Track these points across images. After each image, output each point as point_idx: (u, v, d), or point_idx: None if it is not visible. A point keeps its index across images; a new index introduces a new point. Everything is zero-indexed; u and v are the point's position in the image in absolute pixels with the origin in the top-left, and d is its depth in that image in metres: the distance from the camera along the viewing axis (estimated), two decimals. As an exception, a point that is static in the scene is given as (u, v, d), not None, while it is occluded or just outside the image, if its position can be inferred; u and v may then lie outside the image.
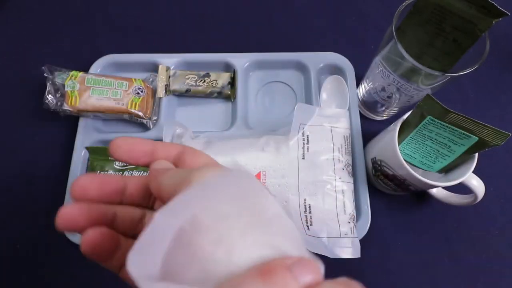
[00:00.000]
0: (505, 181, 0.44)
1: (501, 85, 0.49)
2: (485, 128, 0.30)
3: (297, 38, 0.51)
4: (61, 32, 0.51)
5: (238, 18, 0.53)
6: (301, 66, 0.48)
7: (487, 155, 0.43)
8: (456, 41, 0.34)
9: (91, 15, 0.52)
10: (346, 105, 0.44)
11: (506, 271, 0.40)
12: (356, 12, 0.53)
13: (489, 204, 0.42)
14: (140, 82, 0.44)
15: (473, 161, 0.34)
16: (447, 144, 0.33)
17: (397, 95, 0.39)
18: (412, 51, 0.37)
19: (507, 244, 0.41)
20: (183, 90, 0.45)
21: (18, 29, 0.51)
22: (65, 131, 0.45)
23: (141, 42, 0.51)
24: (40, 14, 0.52)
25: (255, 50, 0.48)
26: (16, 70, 0.49)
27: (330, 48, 0.48)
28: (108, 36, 0.51)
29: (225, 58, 0.47)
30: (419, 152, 0.36)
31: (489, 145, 0.31)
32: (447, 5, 0.32)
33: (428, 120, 0.32)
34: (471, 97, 0.48)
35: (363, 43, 0.51)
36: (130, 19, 0.52)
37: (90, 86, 0.42)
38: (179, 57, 0.47)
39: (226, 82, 0.45)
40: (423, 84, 0.35)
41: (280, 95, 0.47)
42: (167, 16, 0.53)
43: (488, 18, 0.31)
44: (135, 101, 0.43)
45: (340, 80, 0.45)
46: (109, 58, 0.47)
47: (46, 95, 0.41)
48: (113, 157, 0.19)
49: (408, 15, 0.35)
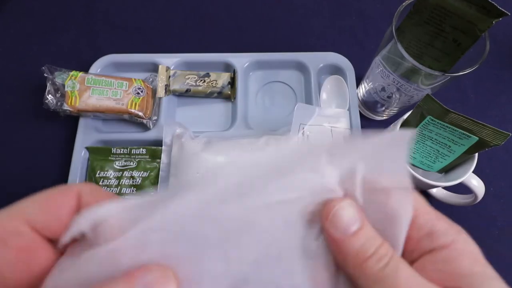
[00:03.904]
0: (505, 181, 0.44)
1: (501, 85, 0.49)
2: (485, 128, 0.30)
3: (297, 38, 0.51)
4: (61, 32, 0.51)
5: (238, 18, 0.53)
6: (301, 66, 0.48)
7: (487, 155, 0.43)
8: (456, 41, 0.34)
9: (91, 15, 0.52)
10: (346, 105, 0.44)
11: (506, 271, 0.40)
12: (356, 12, 0.53)
13: (489, 204, 0.42)
14: (140, 82, 0.44)
15: (473, 161, 0.34)
16: (447, 144, 0.33)
17: (397, 95, 0.39)
18: (412, 51, 0.37)
19: (507, 244, 0.41)
20: (183, 90, 0.45)
21: (18, 29, 0.51)
22: (65, 131, 0.45)
23: (141, 42, 0.51)
24: (40, 14, 0.52)
25: (255, 50, 0.48)
26: (16, 70, 0.49)
27: (330, 48, 0.48)
28: (108, 36, 0.51)
29: (225, 58, 0.47)
30: (419, 152, 0.36)
31: (489, 145, 0.31)
32: (447, 5, 0.32)
33: (428, 120, 0.32)
34: (471, 97, 0.48)
35: (363, 43, 0.51)
36: (130, 19, 0.52)
37: (90, 86, 0.42)
38: (179, 57, 0.47)
39: (226, 82, 0.45)
40: (423, 84, 0.35)
41: (280, 95, 0.47)
42: (167, 16, 0.53)
43: (488, 18, 0.31)
44: (135, 101, 0.43)
45: (340, 80, 0.45)
46: (109, 58, 0.47)
47: (46, 95, 0.41)
48: None
49: (408, 15, 0.35)
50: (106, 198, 0.17)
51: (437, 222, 0.16)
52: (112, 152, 0.42)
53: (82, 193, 0.17)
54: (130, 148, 0.42)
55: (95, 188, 0.17)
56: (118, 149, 0.42)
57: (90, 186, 0.17)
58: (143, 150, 0.42)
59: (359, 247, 0.15)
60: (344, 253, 0.15)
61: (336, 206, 0.15)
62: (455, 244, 0.15)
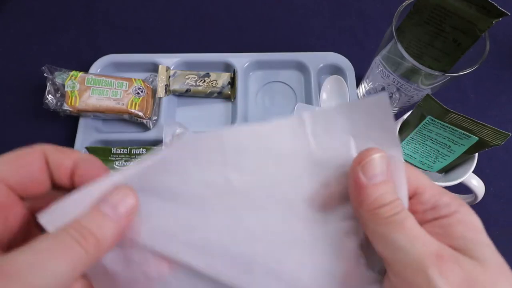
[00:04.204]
0: (505, 181, 0.44)
1: (501, 85, 0.49)
2: (485, 128, 0.30)
3: (297, 38, 0.51)
4: (61, 32, 0.51)
5: (238, 18, 0.53)
6: (301, 66, 0.48)
7: (487, 155, 0.43)
8: (456, 41, 0.34)
9: (91, 15, 0.52)
10: (346, 105, 0.44)
11: (506, 271, 0.40)
12: (356, 12, 0.53)
13: (489, 204, 0.42)
14: (140, 82, 0.44)
15: (473, 161, 0.34)
16: (447, 144, 0.33)
17: (397, 95, 0.39)
18: (412, 51, 0.37)
19: (507, 244, 0.41)
20: (183, 90, 0.45)
21: (18, 29, 0.51)
22: (65, 131, 0.45)
23: (141, 42, 0.51)
24: (40, 14, 0.52)
25: (255, 50, 0.48)
26: (16, 70, 0.49)
27: (330, 48, 0.48)
28: (108, 36, 0.51)
29: (225, 58, 0.47)
30: (419, 152, 0.36)
31: (489, 145, 0.31)
32: (447, 5, 0.32)
33: (428, 120, 0.32)
34: (471, 97, 0.48)
35: (363, 43, 0.51)
36: (130, 19, 0.52)
37: (90, 86, 0.42)
38: (179, 57, 0.47)
39: (226, 82, 0.45)
40: (423, 84, 0.35)
41: (280, 95, 0.47)
42: (167, 16, 0.53)
43: (488, 18, 0.31)
44: (135, 101, 0.43)
45: (340, 80, 0.45)
46: (109, 58, 0.47)
47: (46, 95, 0.41)
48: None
49: (408, 15, 0.35)
50: (70, 155, 0.18)
51: (441, 196, 0.18)
52: (112, 152, 0.42)
53: (47, 152, 0.18)
54: (130, 148, 0.42)
55: (57, 147, 0.18)
56: (118, 149, 0.42)
57: (52, 146, 0.18)
58: (143, 150, 0.42)
59: (378, 196, 0.16)
60: (363, 197, 0.17)
61: (372, 155, 0.17)
62: (456, 214, 0.17)
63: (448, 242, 0.16)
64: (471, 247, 0.16)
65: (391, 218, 0.16)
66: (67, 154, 0.18)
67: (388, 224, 0.16)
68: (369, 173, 0.17)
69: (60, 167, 0.18)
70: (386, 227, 0.16)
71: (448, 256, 0.15)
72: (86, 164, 0.18)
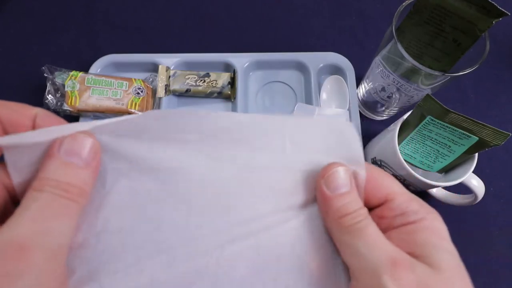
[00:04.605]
0: (505, 181, 0.44)
1: (501, 85, 0.49)
2: (485, 128, 0.30)
3: (297, 38, 0.51)
4: (61, 32, 0.51)
5: (238, 18, 0.53)
6: (301, 66, 0.48)
7: (487, 155, 0.43)
8: (456, 41, 0.34)
9: (91, 15, 0.52)
10: (346, 105, 0.44)
11: (506, 271, 0.40)
12: (356, 12, 0.53)
13: (489, 204, 0.42)
14: (140, 82, 0.44)
15: (473, 161, 0.34)
16: (447, 144, 0.33)
17: (397, 95, 0.39)
18: (412, 51, 0.37)
19: (507, 244, 0.41)
20: (183, 90, 0.45)
21: (18, 29, 0.51)
22: (65, 131, 0.45)
23: (141, 42, 0.51)
24: (40, 14, 0.52)
25: (255, 50, 0.48)
26: (16, 70, 0.49)
27: (330, 48, 0.48)
28: (108, 36, 0.51)
29: (225, 58, 0.47)
30: (419, 152, 0.36)
31: (489, 145, 0.31)
32: (447, 5, 0.32)
33: (428, 120, 0.32)
34: (471, 97, 0.48)
35: (363, 43, 0.51)
36: (130, 19, 0.52)
37: (90, 86, 0.42)
38: (179, 57, 0.47)
39: (226, 82, 0.45)
40: (423, 84, 0.35)
41: (280, 95, 0.47)
42: (167, 16, 0.53)
43: (488, 18, 0.31)
44: (135, 101, 0.43)
45: (340, 80, 0.45)
46: (109, 58, 0.47)
47: (46, 95, 0.41)
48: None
49: (408, 15, 0.35)
50: (26, 113, 0.18)
51: (410, 203, 0.18)
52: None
53: (37, 116, 0.18)
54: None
55: (49, 113, 0.18)
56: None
57: (45, 111, 0.18)
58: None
59: (341, 206, 0.17)
60: (328, 207, 0.18)
61: (334, 168, 0.18)
62: (423, 221, 0.17)
63: (410, 249, 0.17)
64: (430, 253, 0.16)
65: (353, 226, 0.17)
66: (22, 113, 0.18)
67: (350, 232, 0.17)
68: (332, 185, 0.18)
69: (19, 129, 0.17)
70: (349, 235, 0.17)
71: (403, 262, 0.16)
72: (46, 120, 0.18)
